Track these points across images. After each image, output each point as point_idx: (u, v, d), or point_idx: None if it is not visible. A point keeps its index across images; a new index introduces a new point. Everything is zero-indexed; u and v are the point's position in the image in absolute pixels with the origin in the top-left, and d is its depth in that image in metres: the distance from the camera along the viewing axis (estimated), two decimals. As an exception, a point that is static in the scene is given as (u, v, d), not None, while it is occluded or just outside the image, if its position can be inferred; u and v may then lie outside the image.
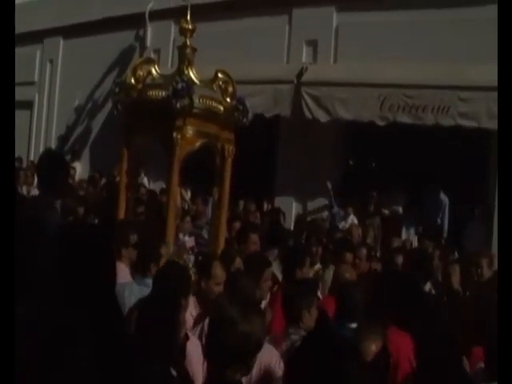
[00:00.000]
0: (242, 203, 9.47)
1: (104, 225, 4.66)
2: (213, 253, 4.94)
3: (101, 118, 14.05)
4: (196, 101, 4.93)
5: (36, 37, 16.11)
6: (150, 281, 3.79)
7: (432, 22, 9.12)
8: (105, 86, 13.41)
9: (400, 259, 5.59)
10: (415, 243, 8.92)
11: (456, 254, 7.49)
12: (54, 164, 4.19)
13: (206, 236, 6.54)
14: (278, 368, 2.95)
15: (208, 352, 2.27)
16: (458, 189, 9.35)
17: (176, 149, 4.87)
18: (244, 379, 2.22)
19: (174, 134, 4.87)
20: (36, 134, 16.32)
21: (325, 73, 9.82)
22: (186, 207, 8.46)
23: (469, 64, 8.37)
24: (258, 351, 2.19)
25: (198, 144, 5.07)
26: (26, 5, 16.41)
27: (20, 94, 18.03)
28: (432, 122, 8.64)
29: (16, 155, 14.58)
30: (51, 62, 16.08)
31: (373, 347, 2.85)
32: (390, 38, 9.42)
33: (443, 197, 9.76)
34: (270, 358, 3.01)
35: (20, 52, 17.04)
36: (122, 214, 5.09)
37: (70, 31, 15.17)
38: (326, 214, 10.00)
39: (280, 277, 4.80)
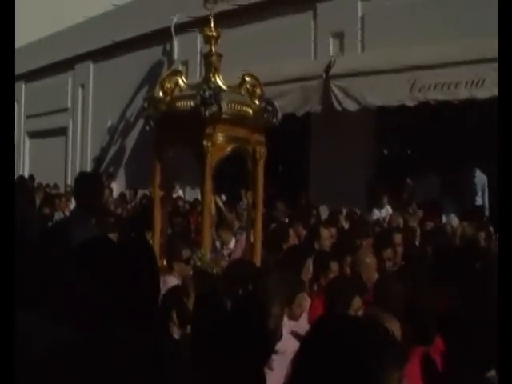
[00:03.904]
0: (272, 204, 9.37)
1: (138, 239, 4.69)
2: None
3: (133, 136, 14.24)
4: (224, 107, 4.88)
5: (67, 64, 16.49)
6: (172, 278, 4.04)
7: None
8: (136, 103, 13.57)
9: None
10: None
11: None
12: (88, 182, 4.31)
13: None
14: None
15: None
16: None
17: (207, 156, 4.83)
18: None
19: (205, 142, 4.82)
20: (72, 158, 16.66)
21: (353, 63, 9.71)
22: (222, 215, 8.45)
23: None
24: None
25: (228, 149, 5.01)
26: (56, 35, 16.84)
27: (54, 121, 18.70)
28: (466, 95, 8.38)
29: (53, 181, 14.92)
30: (83, 86, 16.38)
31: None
32: (416, 19, 9.27)
33: (481, 175, 9.47)
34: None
35: (52, 80, 17.67)
36: (157, 228, 5.09)
37: (99, 55, 15.48)
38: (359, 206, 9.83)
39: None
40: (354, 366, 1.44)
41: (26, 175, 15.55)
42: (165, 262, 4.84)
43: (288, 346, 2.54)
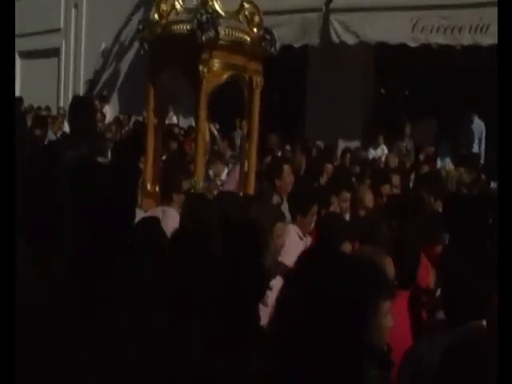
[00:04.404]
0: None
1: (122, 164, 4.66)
2: None
3: (128, 60, 13.98)
4: (222, 32, 4.79)
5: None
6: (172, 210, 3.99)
7: None
8: (130, 26, 13.21)
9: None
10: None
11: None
12: (81, 107, 4.28)
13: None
14: None
15: None
16: (496, 114, 9.01)
17: (203, 83, 4.76)
18: None
19: (201, 68, 4.75)
20: (65, 80, 16.36)
21: (354, -1, 9.46)
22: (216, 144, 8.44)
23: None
24: None
25: (225, 76, 4.94)
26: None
27: (46, 41, 18.17)
28: (469, 41, 8.26)
29: (45, 103, 14.68)
30: (76, 7, 15.93)
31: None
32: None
33: (479, 123, 9.46)
34: None
35: (44, -1, 17.03)
36: (150, 154, 5.08)
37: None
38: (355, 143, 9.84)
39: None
40: (341, 295, 1.37)
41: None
42: (157, 189, 4.87)
43: (276, 281, 2.52)
